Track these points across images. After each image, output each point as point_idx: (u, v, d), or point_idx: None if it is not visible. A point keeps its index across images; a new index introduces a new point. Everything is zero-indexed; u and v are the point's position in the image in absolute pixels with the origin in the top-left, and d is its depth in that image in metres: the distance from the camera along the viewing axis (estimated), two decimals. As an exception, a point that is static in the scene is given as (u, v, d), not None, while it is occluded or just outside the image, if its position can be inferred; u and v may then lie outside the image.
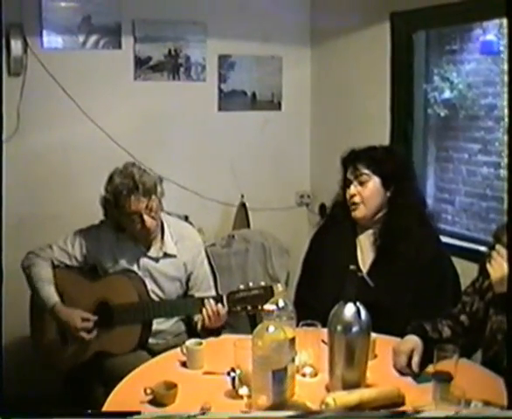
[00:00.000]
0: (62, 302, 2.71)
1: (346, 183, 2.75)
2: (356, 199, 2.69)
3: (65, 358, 2.75)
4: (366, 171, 2.68)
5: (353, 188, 2.70)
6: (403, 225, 2.64)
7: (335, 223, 2.81)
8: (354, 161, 2.72)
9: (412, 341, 2.21)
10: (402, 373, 2.17)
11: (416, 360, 2.16)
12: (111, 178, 2.73)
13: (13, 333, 2.80)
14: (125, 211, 2.68)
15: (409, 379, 2.14)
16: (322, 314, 2.16)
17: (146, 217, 2.68)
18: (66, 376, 2.85)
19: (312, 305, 2.54)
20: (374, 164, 2.68)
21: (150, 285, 2.76)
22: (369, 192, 2.68)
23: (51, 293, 2.71)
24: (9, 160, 2.17)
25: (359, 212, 2.70)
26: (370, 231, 2.72)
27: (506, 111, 3.12)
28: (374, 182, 2.69)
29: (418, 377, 2.14)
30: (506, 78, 2.90)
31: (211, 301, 2.55)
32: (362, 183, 2.69)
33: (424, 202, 2.86)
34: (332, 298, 2.11)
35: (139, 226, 2.70)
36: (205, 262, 2.93)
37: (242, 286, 2.50)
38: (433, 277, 2.61)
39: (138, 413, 1.45)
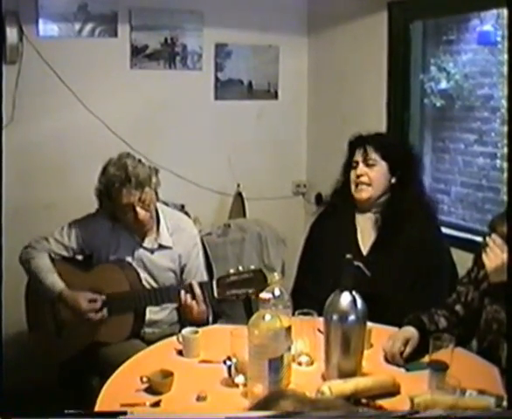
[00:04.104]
0: None
1: (352, 165, 2.75)
2: (364, 179, 2.70)
3: (61, 348, 2.75)
4: (375, 155, 2.70)
5: (361, 169, 2.71)
6: (405, 208, 2.67)
7: (335, 210, 2.82)
8: (363, 143, 2.73)
9: (409, 332, 2.21)
10: (389, 361, 2.16)
11: (408, 350, 2.15)
12: (105, 169, 2.70)
13: (8, 325, 2.79)
14: (118, 203, 2.67)
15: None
16: (323, 301, 2.16)
17: (139, 209, 2.67)
18: (62, 367, 2.85)
19: (312, 292, 2.54)
20: (383, 149, 2.71)
21: (144, 276, 2.76)
22: (376, 174, 2.70)
23: (55, 281, 2.70)
24: (4, 149, 2.17)
25: (365, 193, 2.71)
26: (372, 213, 2.74)
27: (503, 101, 3.13)
28: (381, 167, 2.71)
29: (409, 365, 2.14)
30: (505, 69, 2.92)
31: (182, 292, 2.56)
32: (369, 166, 2.70)
33: (426, 192, 2.88)
34: (332, 285, 2.11)
35: (132, 218, 2.69)
36: (200, 255, 2.92)
37: (232, 271, 2.50)
38: (432, 260, 2.63)
39: (124, 413, 1.45)
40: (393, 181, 2.72)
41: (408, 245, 2.63)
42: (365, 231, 2.74)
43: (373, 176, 2.70)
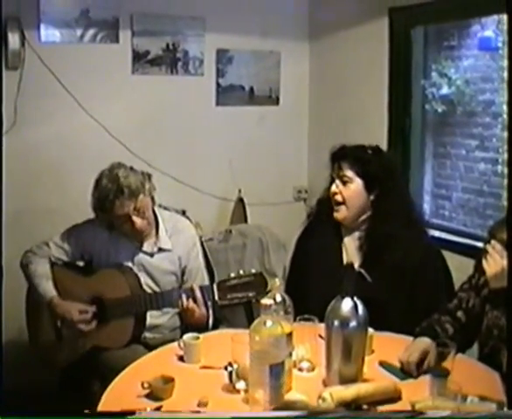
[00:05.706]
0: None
1: (331, 180, 2.68)
2: (338, 198, 2.62)
3: (61, 354, 2.75)
4: (349, 172, 2.60)
5: (334, 187, 2.63)
6: (387, 232, 2.54)
7: (320, 223, 2.74)
8: (339, 159, 2.64)
9: (426, 343, 2.17)
10: (409, 372, 2.12)
11: (431, 362, 2.09)
12: (97, 183, 2.70)
13: (9, 329, 2.80)
14: (113, 215, 2.67)
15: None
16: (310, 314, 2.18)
17: (135, 219, 2.67)
18: (63, 372, 2.85)
19: (299, 306, 2.48)
20: (358, 165, 2.59)
21: (145, 280, 2.76)
22: (350, 193, 2.60)
23: (48, 288, 2.71)
24: (5, 154, 2.17)
25: (340, 213, 2.62)
26: (356, 235, 2.64)
27: (504, 107, 3.13)
28: (357, 184, 2.60)
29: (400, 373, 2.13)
30: (505, 74, 2.92)
31: (182, 295, 2.58)
32: (344, 183, 2.61)
33: (410, 205, 2.72)
34: (318, 299, 2.11)
35: (129, 227, 2.69)
36: (200, 255, 2.92)
37: (233, 274, 2.49)
38: (423, 279, 2.55)
39: (133, 413, 1.45)
40: (372, 198, 2.60)
41: (394, 269, 2.52)
42: (350, 254, 2.64)
43: (347, 195, 2.60)
